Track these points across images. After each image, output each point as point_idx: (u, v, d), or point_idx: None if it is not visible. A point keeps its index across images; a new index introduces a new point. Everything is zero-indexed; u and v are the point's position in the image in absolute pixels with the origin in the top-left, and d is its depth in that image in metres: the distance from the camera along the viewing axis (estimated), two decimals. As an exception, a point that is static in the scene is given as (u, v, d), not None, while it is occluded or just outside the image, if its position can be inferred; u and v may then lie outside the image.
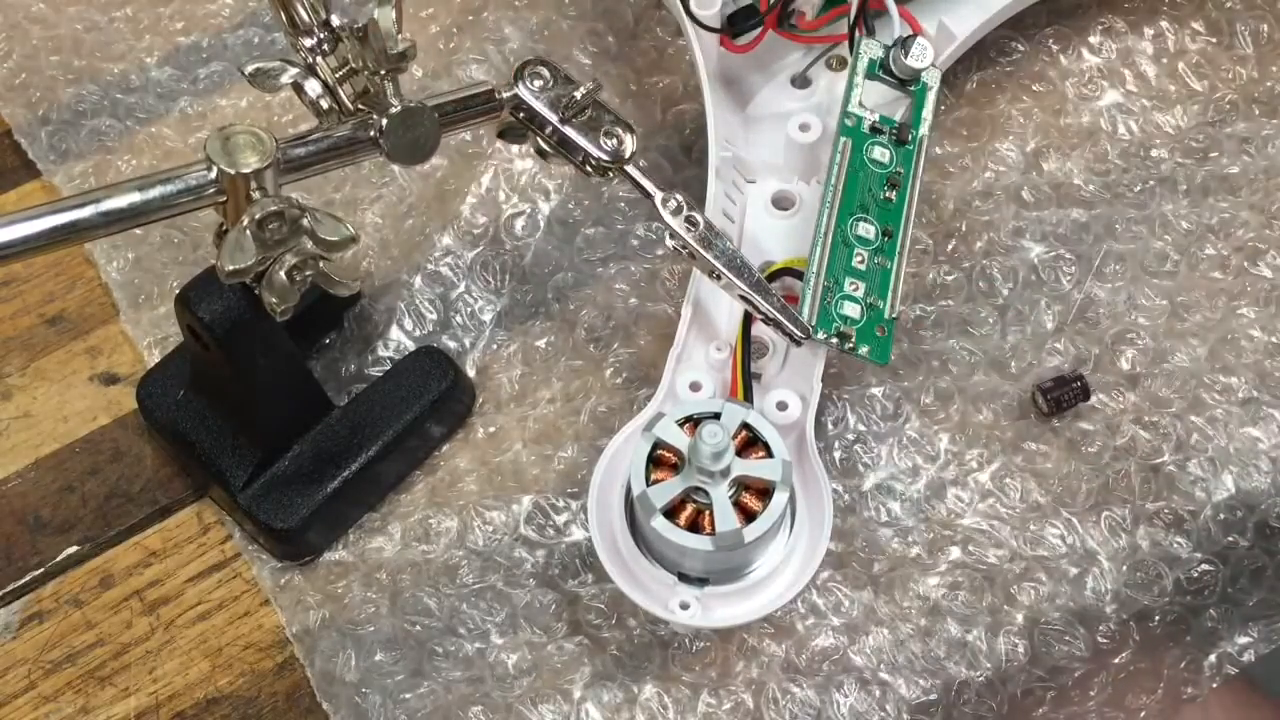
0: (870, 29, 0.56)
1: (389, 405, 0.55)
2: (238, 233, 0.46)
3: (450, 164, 0.61)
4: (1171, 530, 0.54)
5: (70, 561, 0.55)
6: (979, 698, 0.52)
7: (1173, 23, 0.63)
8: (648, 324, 0.58)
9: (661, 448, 0.49)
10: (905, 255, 0.53)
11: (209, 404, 0.54)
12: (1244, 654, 0.53)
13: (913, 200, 0.53)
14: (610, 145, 0.51)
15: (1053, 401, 0.56)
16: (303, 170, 0.48)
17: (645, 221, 0.60)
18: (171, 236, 0.60)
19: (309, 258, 0.48)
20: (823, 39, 0.58)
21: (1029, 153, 0.61)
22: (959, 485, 0.55)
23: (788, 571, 0.50)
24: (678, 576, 0.49)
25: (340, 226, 0.48)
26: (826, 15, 0.57)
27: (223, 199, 0.46)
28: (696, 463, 0.48)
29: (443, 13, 0.64)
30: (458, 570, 0.54)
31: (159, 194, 0.46)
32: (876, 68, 0.55)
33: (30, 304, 0.59)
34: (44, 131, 0.62)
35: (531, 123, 0.51)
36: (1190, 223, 0.60)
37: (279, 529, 0.53)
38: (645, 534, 0.49)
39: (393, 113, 0.48)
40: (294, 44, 0.48)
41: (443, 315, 0.58)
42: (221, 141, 0.46)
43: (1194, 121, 0.62)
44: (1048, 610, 0.53)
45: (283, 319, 0.49)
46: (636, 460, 0.48)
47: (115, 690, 0.52)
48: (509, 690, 0.52)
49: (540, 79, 0.51)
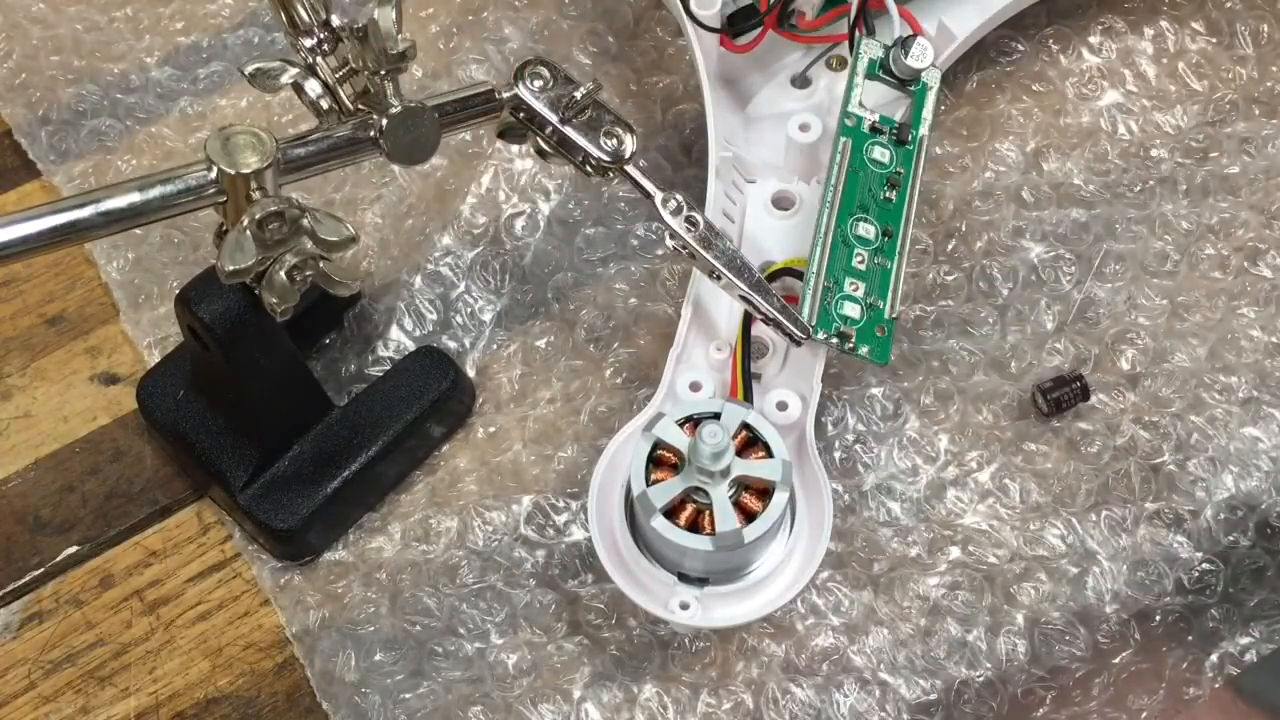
0: (870, 29, 0.56)
1: (389, 405, 0.55)
2: (238, 233, 0.46)
3: (450, 164, 0.61)
4: (1172, 530, 0.54)
5: (70, 561, 0.55)
6: (979, 698, 0.52)
7: (1173, 23, 0.63)
8: (648, 324, 0.58)
9: (661, 448, 0.49)
10: (905, 255, 0.53)
11: (209, 404, 0.54)
12: (1245, 654, 0.53)
13: (913, 200, 0.53)
14: (610, 145, 0.51)
15: (1052, 403, 0.56)
16: (303, 170, 0.48)
17: (645, 222, 0.60)
18: (171, 236, 0.60)
19: (309, 258, 0.48)
20: (823, 39, 0.58)
21: (1029, 153, 0.61)
22: (959, 485, 0.55)
23: (787, 571, 0.50)
24: (678, 576, 0.49)
25: (340, 227, 0.48)
26: (826, 15, 0.57)
27: (223, 199, 0.46)
28: (696, 463, 0.48)
29: (443, 13, 0.64)
30: (458, 570, 0.54)
31: (159, 194, 0.46)
32: (876, 68, 0.55)
33: (30, 304, 0.59)
34: (44, 131, 0.62)
35: (531, 123, 0.51)
36: (1190, 223, 0.60)
37: (279, 529, 0.53)
38: (645, 534, 0.49)
39: (393, 113, 0.48)
40: (294, 44, 0.48)
41: (443, 315, 0.58)
42: (221, 142, 0.46)
43: (1194, 121, 0.62)
44: (1048, 610, 0.53)
45: (283, 319, 0.49)
46: (636, 460, 0.48)
47: (115, 690, 0.52)
48: (509, 690, 0.52)
49: (540, 79, 0.51)
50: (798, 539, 0.50)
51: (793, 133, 0.56)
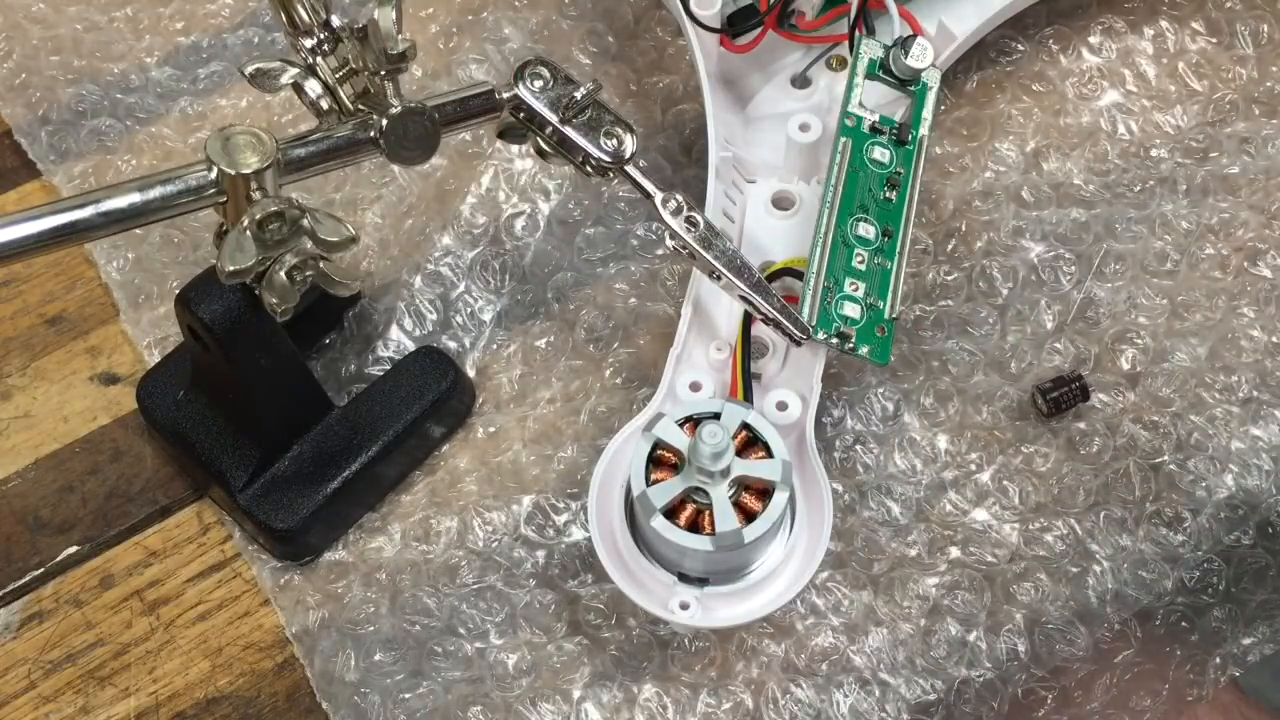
0: (870, 29, 0.56)
1: (389, 405, 0.55)
2: (238, 233, 0.46)
3: (450, 164, 0.61)
4: (1173, 529, 0.54)
5: (70, 561, 0.55)
6: (979, 698, 0.52)
7: (1173, 23, 0.63)
8: (648, 324, 0.58)
9: (661, 448, 0.49)
10: (905, 255, 0.53)
11: (209, 404, 0.54)
12: (1249, 654, 0.53)
13: (913, 200, 0.53)
14: (610, 146, 0.51)
15: (1052, 403, 0.56)
16: (303, 170, 0.48)
17: (645, 222, 0.60)
18: (171, 236, 0.60)
19: (309, 258, 0.48)
20: (823, 39, 0.58)
21: (1029, 153, 0.61)
22: (958, 485, 0.55)
23: (787, 572, 0.50)
24: (678, 576, 0.49)
25: (340, 227, 0.48)
26: (826, 15, 0.57)
27: (223, 199, 0.46)
28: (696, 463, 0.47)
29: (443, 13, 0.64)
30: (458, 570, 0.54)
31: (159, 194, 0.46)
32: (876, 68, 0.55)
33: (30, 304, 0.59)
34: (44, 131, 0.62)
35: (531, 123, 0.51)
36: (1190, 223, 0.60)
37: (279, 529, 0.53)
38: (645, 534, 0.49)
39: (393, 113, 0.48)
40: (294, 44, 0.48)
41: (443, 315, 0.58)
42: (222, 142, 0.46)
43: (1194, 121, 0.62)
44: (1048, 610, 0.53)
45: (283, 319, 0.49)
46: (636, 460, 0.48)
47: (115, 690, 0.52)
48: (508, 690, 0.52)
49: (540, 79, 0.51)
50: (798, 539, 0.50)
51: (793, 133, 0.56)
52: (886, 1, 0.55)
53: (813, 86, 0.59)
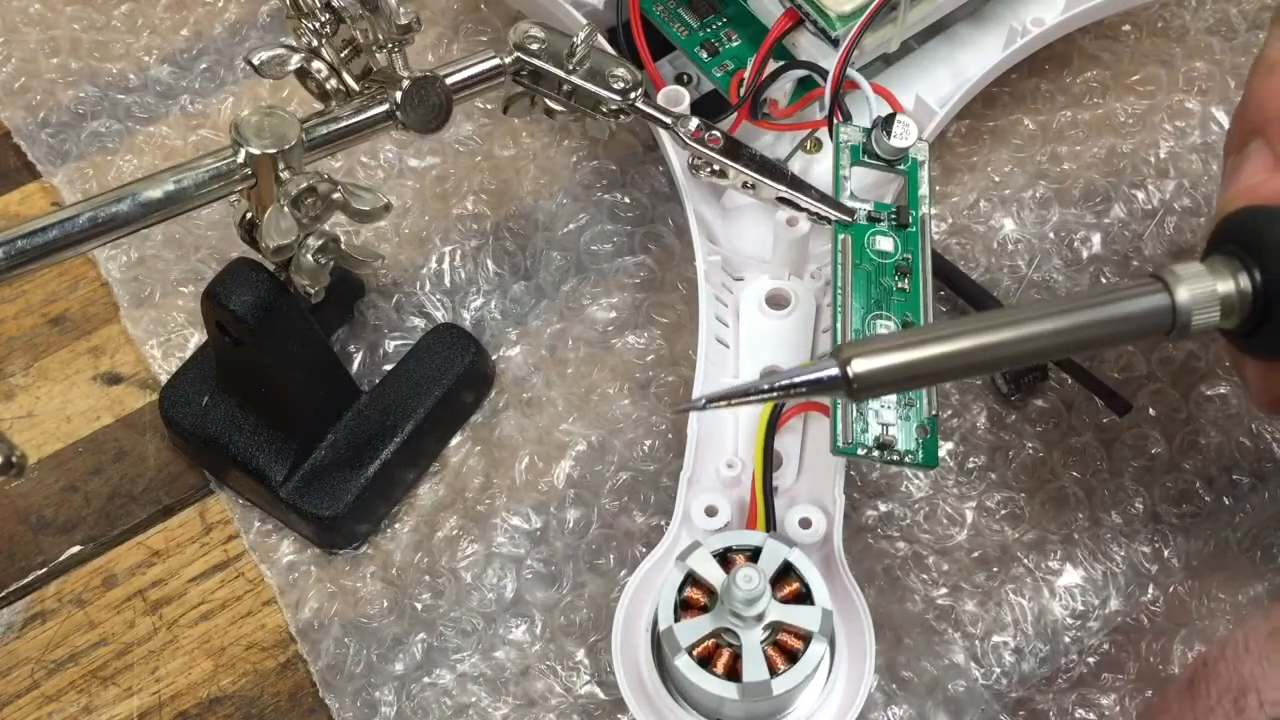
0: (846, 114, 0.53)
1: (417, 384, 0.55)
2: (276, 210, 0.47)
3: (450, 163, 0.61)
4: (1174, 528, 0.55)
5: (73, 561, 0.54)
6: (980, 698, 0.52)
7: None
8: (651, 323, 0.58)
9: (695, 582, 0.46)
10: None
11: (239, 404, 0.54)
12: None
13: (928, 284, 0.50)
14: (618, 86, 0.52)
15: (1011, 381, 0.56)
16: (325, 147, 0.49)
17: (646, 221, 0.60)
18: (173, 235, 0.60)
19: (329, 239, 0.49)
20: (797, 126, 0.56)
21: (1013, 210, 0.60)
22: (958, 484, 0.55)
23: (827, 713, 0.46)
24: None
25: (374, 196, 0.49)
26: (799, 102, 0.55)
27: (252, 182, 0.47)
28: (729, 605, 0.45)
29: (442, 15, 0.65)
30: (464, 568, 0.54)
31: (192, 181, 0.46)
32: (860, 154, 0.52)
33: (33, 304, 0.59)
34: (44, 133, 0.62)
35: (538, 82, 0.52)
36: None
37: (325, 517, 0.53)
38: (671, 672, 0.46)
39: (405, 84, 0.49)
40: (296, 28, 0.49)
41: (444, 315, 0.58)
42: (247, 124, 0.47)
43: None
44: (1049, 609, 0.53)
45: (316, 300, 0.50)
46: (666, 591, 0.45)
47: (118, 690, 0.52)
48: (514, 689, 0.52)
49: (536, 41, 0.52)
50: (837, 672, 0.47)
51: (780, 227, 0.53)
52: (859, 81, 0.53)
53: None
